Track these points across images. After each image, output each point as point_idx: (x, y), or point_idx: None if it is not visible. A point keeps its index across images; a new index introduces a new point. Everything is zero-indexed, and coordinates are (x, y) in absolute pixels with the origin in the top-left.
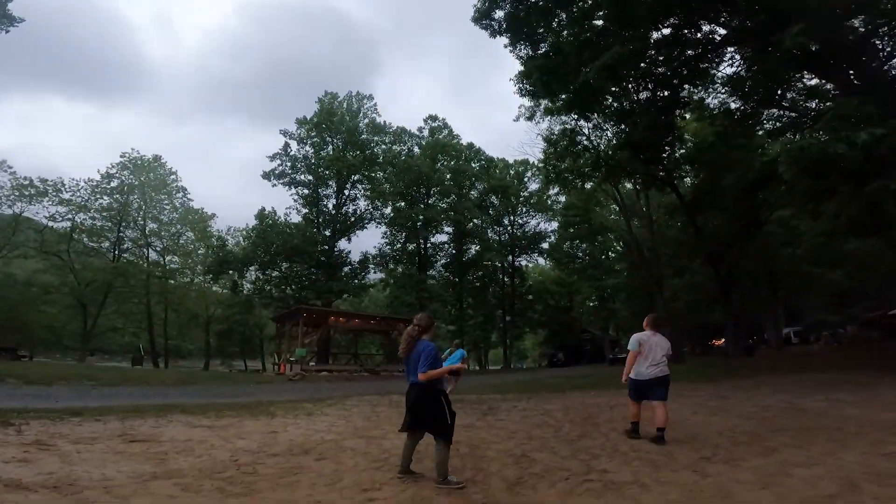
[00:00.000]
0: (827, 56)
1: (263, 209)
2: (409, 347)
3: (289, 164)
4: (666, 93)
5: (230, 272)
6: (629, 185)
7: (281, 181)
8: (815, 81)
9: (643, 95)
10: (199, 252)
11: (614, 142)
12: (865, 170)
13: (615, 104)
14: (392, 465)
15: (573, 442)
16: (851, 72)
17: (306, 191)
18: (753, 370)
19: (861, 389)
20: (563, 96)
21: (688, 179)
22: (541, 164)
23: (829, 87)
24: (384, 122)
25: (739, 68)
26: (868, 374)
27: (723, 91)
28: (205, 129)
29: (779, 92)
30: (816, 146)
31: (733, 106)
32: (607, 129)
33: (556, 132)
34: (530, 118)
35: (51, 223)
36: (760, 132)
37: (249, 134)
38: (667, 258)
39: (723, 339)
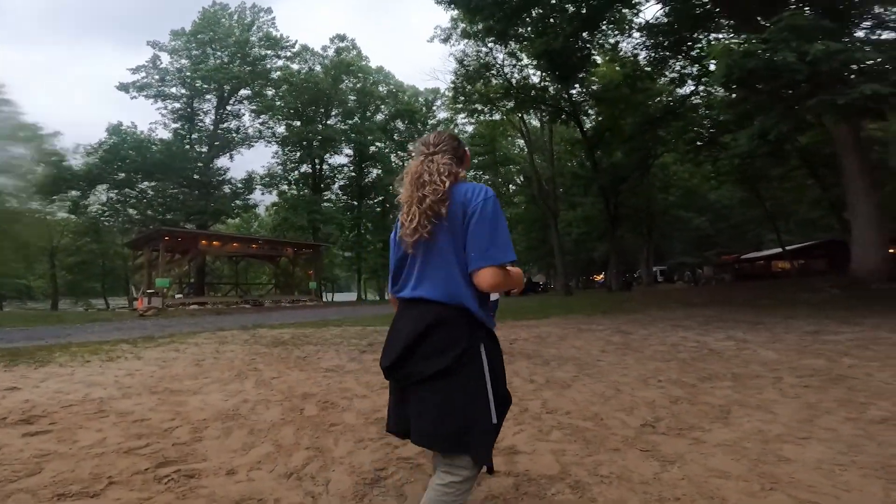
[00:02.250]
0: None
1: (119, 123)
2: (435, 210)
3: (157, 76)
4: (594, 2)
5: (69, 192)
6: (534, 121)
7: (144, 93)
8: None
9: (569, 8)
10: (37, 173)
11: (529, 68)
12: (802, 87)
13: (538, 16)
14: (154, 447)
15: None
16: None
17: (177, 105)
18: (639, 304)
19: (757, 329)
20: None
21: (591, 117)
22: (451, 88)
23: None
24: (283, 35)
25: (657, 16)
26: (747, 312)
27: (637, 37)
28: (62, 54)
29: (688, 42)
30: (762, 54)
31: (644, 54)
32: (522, 58)
33: (471, 54)
34: (445, 40)
35: None
36: (662, 80)
37: (117, 58)
38: (564, 191)
39: (602, 275)
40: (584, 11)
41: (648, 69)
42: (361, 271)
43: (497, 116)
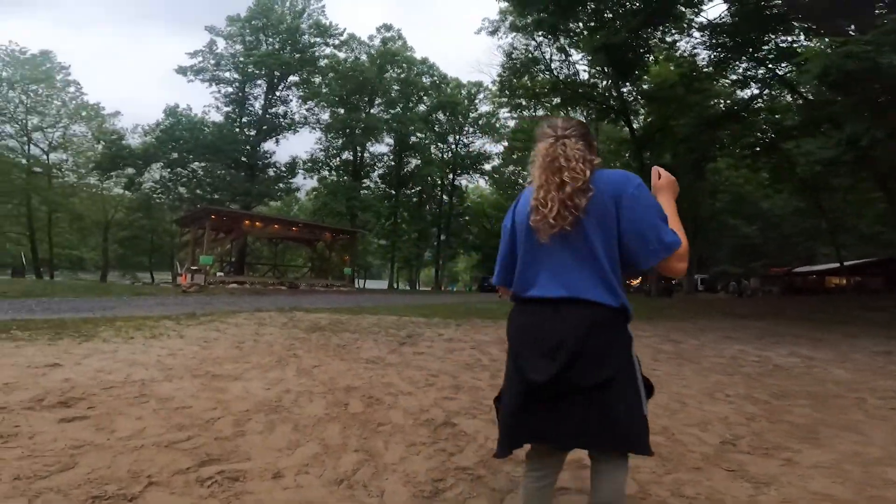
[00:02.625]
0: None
1: (175, 105)
2: (576, 201)
3: (213, 61)
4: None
5: (126, 169)
6: (580, 117)
7: (199, 77)
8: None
9: (629, 3)
10: (97, 150)
11: (579, 65)
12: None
13: (594, 10)
14: (201, 438)
15: None
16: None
17: (230, 89)
18: (682, 312)
19: (820, 346)
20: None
21: (640, 117)
22: (497, 81)
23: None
24: (332, 23)
25: (723, 15)
26: (802, 327)
27: (698, 36)
28: (118, 39)
29: (752, 44)
30: (866, 55)
31: (704, 53)
32: (571, 53)
33: (519, 47)
34: (493, 32)
35: None
36: (721, 82)
37: (177, 43)
38: None
39: (639, 279)
40: (651, 6)
41: (708, 69)
42: (395, 260)
43: (541, 112)
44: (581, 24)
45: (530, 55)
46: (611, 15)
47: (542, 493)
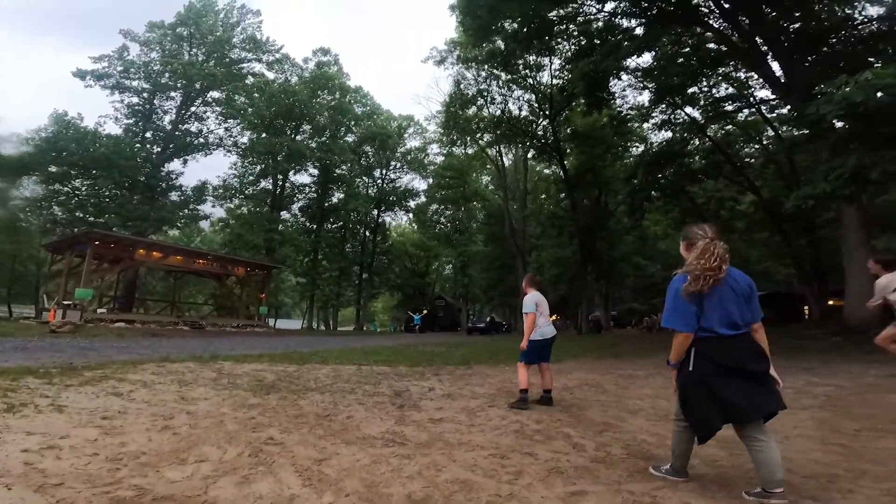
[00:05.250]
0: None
1: (64, 112)
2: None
3: (120, 67)
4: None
5: None
6: (508, 157)
7: (101, 83)
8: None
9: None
10: None
11: (521, 100)
12: None
13: (572, 37)
14: None
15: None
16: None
17: (136, 99)
18: (635, 348)
19: (821, 374)
20: (509, 27)
21: (570, 157)
22: (443, 110)
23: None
24: (267, 39)
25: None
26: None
27: (626, 79)
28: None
29: (677, 89)
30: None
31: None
32: (514, 89)
33: (469, 78)
34: (441, 62)
35: None
36: (643, 125)
37: (87, 54)
38: (538, 231)
39: (556, 316)
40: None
41: (632, 112)
42: (315, 299)
43: (470, 150)
44: (534, 57)
45: (479, 86)
46: (598, 41)
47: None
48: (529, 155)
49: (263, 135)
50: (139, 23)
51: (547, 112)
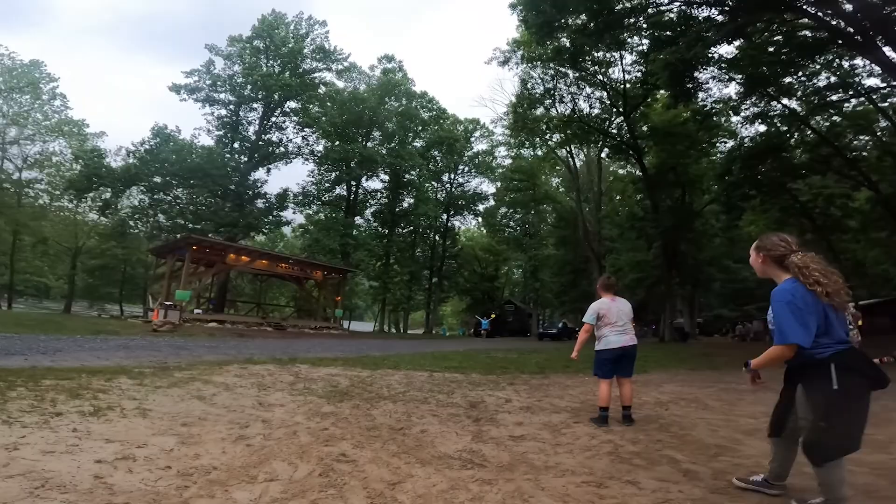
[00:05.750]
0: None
1: (164, 125)
2: None
3: (208, 81)
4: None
5: (100, 189)
6: (581, 158)
7: (193, 96)
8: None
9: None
10: (75, 169)
11: (593, 98)
12: None
13: (642, 30)
14: None
15: None
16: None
17: (223, 112)
18: (731, 358)
19: None
20: (581, 18)
21: (648, 155)
22: (511, 111)
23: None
24: (335, 48)
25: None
26: None
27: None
28: (114, 69)
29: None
30: None
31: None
32: (584, 87)
33: (535, 76)
34: (504, 63)
35: None
36: (731, 119)
37: (169, 76)
38: (614, 233)
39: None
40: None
41: (719, 105)
42: (386, 302)
43: (540, 152)
44: (602, 53)
45: (546, 85)
46: (676, 31)
47: None
48: (603, 154)
49: (337, 142)
50: (223, 37)
51: (621, 109)
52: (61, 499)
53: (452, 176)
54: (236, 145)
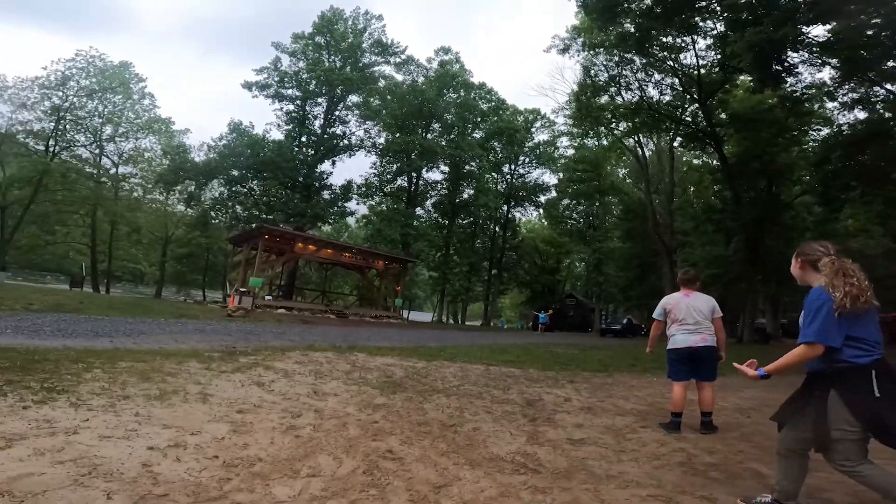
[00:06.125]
0: None
1: (239, 121)
2: None
3: (276, 77)
4: None
5: (186, 182)
6: (648, 149)
7: (264, 93)
8: None
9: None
10: (164, 164)
11: (663, 84)
12: None
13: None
14: None
15: None
16: None
17: (291, 107)
18: None
19: None
20: (646, 2)
21: (729, 144)
22: (573, 99)
23: None
24: (392, 41)
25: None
26: None
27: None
28: (191, 68)
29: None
30: None
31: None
32: (653, 74)
33: (598, 63)
34: (564, 51)
35: None
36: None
37: (241, 74)
38: (687, 226)
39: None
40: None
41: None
42: (445, 293)
43: (605, 141)
44: (671, 38)
45: (610, 72)
46: (747, 16)
47: None
48: (676, 143)
49: (397, 134)
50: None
51: (695, 95)
52: (104, 487)
53: (513, 167)
54: (303, 139)
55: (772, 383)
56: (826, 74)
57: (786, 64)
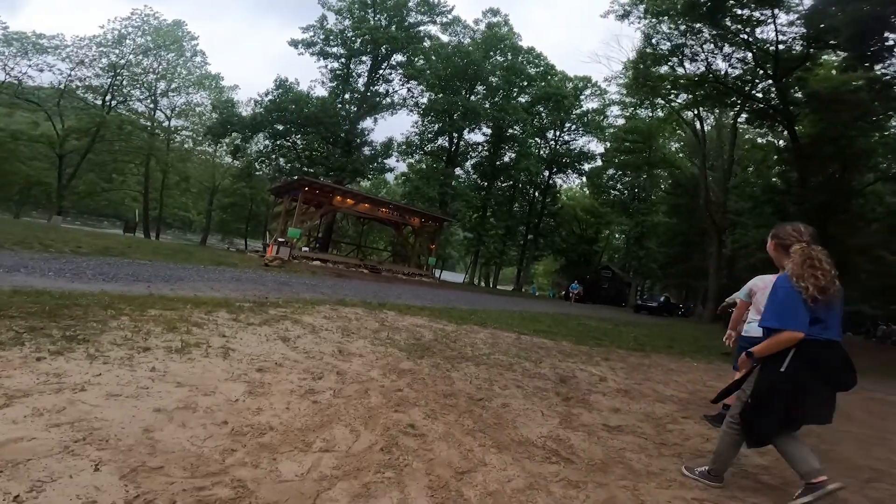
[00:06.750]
0: None
1: (285, 78)
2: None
3: (322, 36)
4: None
5: (234, 135)
6: (710, 120)
7: (309, 50)
8: None
9: None
10: (213, 118)
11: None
12: None
13: None
14: None
15: None
16: None
17: (336, 64)
18: (880, 363)
19: None
20: None
21: (802, 123)
22: (630, 67)
23: None
24: (439, 1)
25: None
26: None
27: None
28: (243, 26)
29: None
30: None
31: None
32: (723, 46)
33: (662, 31)
34: (624, 17)
35: (43, 78)
36: None
37: (289, 33)
38: (742, 206)
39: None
40: None
41: None
42: (479, 255)
43: (661, 113)
44: (748, 11)
45: (674, 41)
46: None
47: None
48: (741, 119)
49: (440, 95)
50: None
51: (769, 72)
52: (94, 456)
53: (558, 133)
54: (347, 96)
55: None
56: None
57: (888, 43)
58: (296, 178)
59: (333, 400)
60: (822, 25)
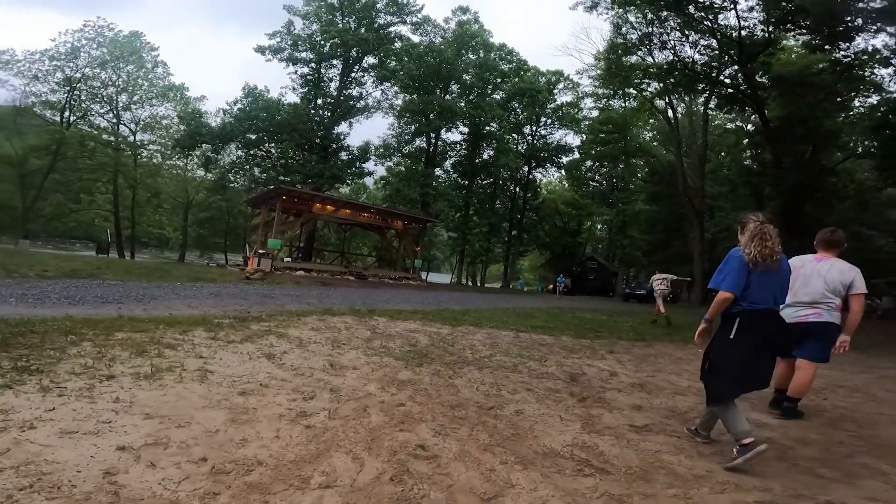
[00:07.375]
0: None
1: (254, 86)
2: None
3: (290, 41)
4: None
5: (203, 146)
6: (681, 108)
7: (277, 56)
8: None
9: None
10: (181, 130)
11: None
12: None
13: None
14: None
15: None
16: None
17: (306, 69)
18: (873, 339)
19: None
20: None
21: (770, 107)
22: (602, 58)
23: None
24: (407, 1)
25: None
26: None
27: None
28: (203, 37)
29: None
30: None
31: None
32: (690, 34)
33: (632, 21)
34: (592, 8)
35: None
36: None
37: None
38: (718, 190)
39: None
40: None
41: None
42: (465, 254)
43: (634, 103)
44: None
45: (642, 31)
46: None
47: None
48: (711, 105)
49: (415, 95)
50: None
51: (735, 57)
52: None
53: (534, 128)
54: (319, 101)
55: (832, 362)
56: (880, 41)
57: (850, 25)
58: (272, 187)
59: (329, 422)
60: (791, 7)
